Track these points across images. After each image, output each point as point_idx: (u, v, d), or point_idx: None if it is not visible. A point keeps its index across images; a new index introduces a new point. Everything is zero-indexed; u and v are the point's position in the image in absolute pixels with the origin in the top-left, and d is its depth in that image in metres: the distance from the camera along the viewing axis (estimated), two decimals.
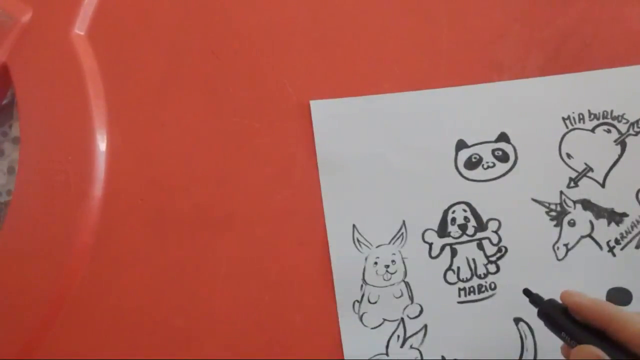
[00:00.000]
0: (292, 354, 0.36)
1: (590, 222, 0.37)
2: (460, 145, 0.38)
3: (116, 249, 0.36)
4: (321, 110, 0.38)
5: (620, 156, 0.38)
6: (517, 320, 0.36)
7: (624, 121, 0.38)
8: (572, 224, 0.37)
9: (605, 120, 0.38)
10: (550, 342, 0.32)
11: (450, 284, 0.37)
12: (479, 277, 0.37)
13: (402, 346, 0.36)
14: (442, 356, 0.36)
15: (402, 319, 0.36)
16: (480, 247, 0.37)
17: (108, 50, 0.39)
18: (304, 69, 0.39)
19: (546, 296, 0.31)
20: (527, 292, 0.32)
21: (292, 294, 0.36)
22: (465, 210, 0.37)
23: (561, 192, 0.37)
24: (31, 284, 0.35)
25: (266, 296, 0.36)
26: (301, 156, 0.38)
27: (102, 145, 0.38)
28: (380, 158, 0.38)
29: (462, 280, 0.37)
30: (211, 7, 0.40)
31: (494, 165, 0.38)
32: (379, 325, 0.36)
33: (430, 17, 0.40)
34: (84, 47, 0.39)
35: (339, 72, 0.39)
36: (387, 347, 0.36)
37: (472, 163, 0.38)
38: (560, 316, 0.31)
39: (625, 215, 0.37)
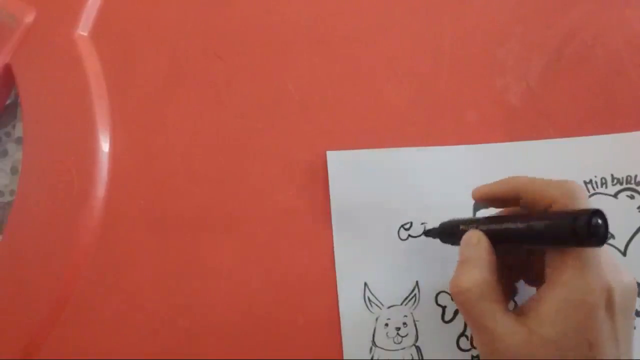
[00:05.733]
0: (294, 355, 0.35)
1: None
2: (478, 205, 0.37)
3: (119, 249, 0.36)
4: (337, 161, 0.37)
5: None
6: None
7: None
8: None
9: (629, 186, 0.37)
10: None
11: (463, 350, 0.35)
12: None
13: None
14: None
15: None
16: None
17: (111, 51, 0.39)
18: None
19: None
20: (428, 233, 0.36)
21: (294, 295, 0.36)
22: None
23: None
24: (34, 283, 0.35)
25: (268, 297, 0.36)
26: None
27: (105, 145, 0.37)
28: (396, 214, 0.37)
29: (476, 348, 0.35)
30: (215, 9, 0.40)
31: None
32: None
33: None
34: (87, 48, 0.39)
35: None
36: None
37: None
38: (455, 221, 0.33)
39: None
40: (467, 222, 0.32)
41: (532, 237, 0.27)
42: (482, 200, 0.32)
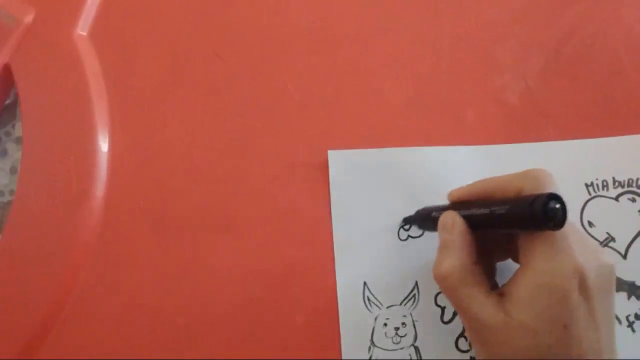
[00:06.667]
0: (293, 354, 0.35)
1: None
2: None
3: (118, 248, 0.36)
4: (339, 160, 0.37)
5: None
6: None
7: None
8: None
9: (630, 189, 0.37)
10: None
11: (461, 351, 0.35)
12: None
13: None
14: None
15: None
16: None
17: (110, 50, 0.39)
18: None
19: None
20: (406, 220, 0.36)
21: (293, 294, 0.36)
22: None
23: None
24: (33, 283, 0.35)
25: (268, 296, 0.36)
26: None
27: (104, 145, 0.37)
28: (396, 214, 0.37)
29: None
30: (215, 8, 0.40)
31: None
32: None
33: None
34: (86, 47, 0.39)
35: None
36: None
37: None
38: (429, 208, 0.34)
39: None
40: (439, 209, 0.32)
41: (494, 222, 0.27)
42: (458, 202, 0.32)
